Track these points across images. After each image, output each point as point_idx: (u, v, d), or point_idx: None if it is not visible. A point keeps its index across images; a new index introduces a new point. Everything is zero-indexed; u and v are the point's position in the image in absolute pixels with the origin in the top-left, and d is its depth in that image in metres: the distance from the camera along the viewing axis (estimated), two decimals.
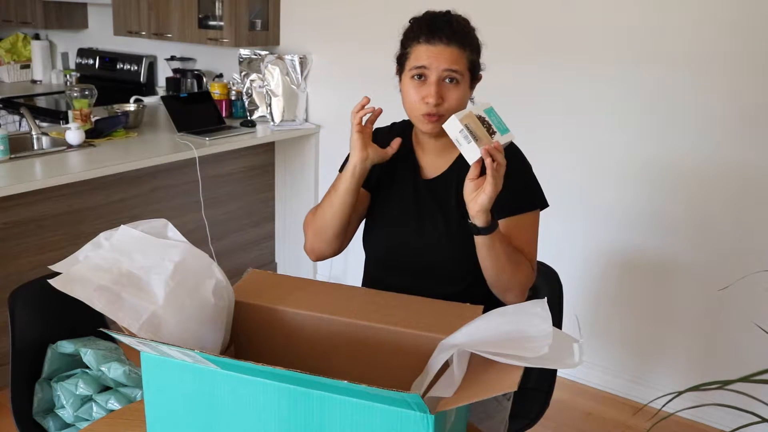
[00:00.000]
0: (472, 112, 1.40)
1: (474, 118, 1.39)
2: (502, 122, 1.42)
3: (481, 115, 1.40)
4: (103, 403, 1.95)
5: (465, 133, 1.37)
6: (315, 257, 1.68)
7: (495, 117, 1.42)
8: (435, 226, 1.60)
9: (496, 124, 1.41)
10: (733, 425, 2.08)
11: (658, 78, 2.81)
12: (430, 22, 1.53)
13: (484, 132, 1.39)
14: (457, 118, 1.38)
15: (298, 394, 1.07)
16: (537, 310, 1.10)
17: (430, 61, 1.50)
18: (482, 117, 1.40)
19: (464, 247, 1.56)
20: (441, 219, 1.60)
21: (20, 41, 5.18)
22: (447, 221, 1.59)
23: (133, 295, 1.17)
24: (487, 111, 1.42)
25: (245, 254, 3.91)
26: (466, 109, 1.41)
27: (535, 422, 2.03)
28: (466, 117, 1.38)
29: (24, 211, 2.90)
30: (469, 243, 1.55)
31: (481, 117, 1.40)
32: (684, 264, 2.90)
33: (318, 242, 1.64)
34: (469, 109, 1.41)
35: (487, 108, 1.42)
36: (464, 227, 1.55)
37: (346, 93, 3.69)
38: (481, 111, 1.41)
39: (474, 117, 1.39)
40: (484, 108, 1.42)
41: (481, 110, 1.41)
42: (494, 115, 1.42)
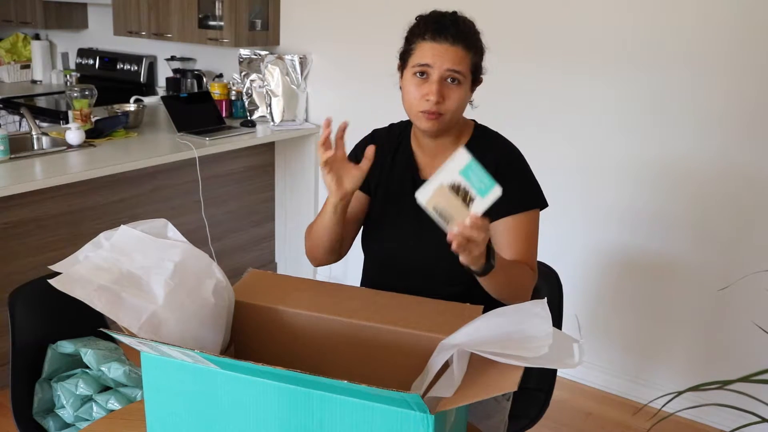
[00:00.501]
0: (443, 185, 1.24)
1: (444, 193, 1.24)
2: (483, 178, 1.24)
3: (454, 182, 1.24)
4: (103, 403, 1.95)
5: (435, 215, 1.26)
6: (315, 264, 1.70)
7: (474, 174, 1.24)
8: (433, 228, 1.60)
9: (476, 184, 1.24)
10: (733, 425, 2.08)
11: (658, 78, 2.81)
12: (437, 21, 1.53)
13: (457, 205, 1.24)
14: (424, 199, 1.25)
15: (298, 394, 1.07)
16: (537, 310, 1.10)
17: (434, 60, 1.50)
18: (456, 185, 1.24)
19: None
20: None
21: (20, 41, 5.18)
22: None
23: (133, 295, 1.17)
24: (463, 171, 1.24)
25: (245, 254, 3.91)
26: (436, 181, 1.25)
27: (535, 422, 2.03)
28: (434, 196, 1.24)
29: (24, 211, 2.90)
30: None
31: (455, 185, 1.24)
32: (684, 264, 2.90)
33: (316, 254, 1.66)
34: (440, 181, 1.24)
35: (464, 167, 1.24)
36: None
37: (346, 93, 3.70)
38: (455, 174, 1.24)
39: (444, 191, 1.24)
40: (460, 168, 1.24)
41: (457, 172, 1.24)
42: (473, 172, 1.24)
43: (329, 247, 1.62)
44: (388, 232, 1.67)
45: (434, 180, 1.25)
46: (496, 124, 1.71)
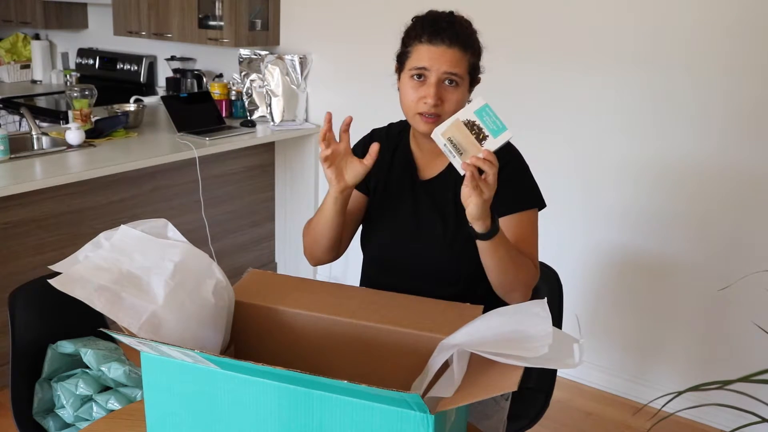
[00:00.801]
0: (459, 119, 1.33)
1: (459, 127, 1.33)
2: (497, 120, 1.34)
3: (469, 119, 1.33)
4: (103, 403, 1.95)
5: (448, 148, 1.33)
6: (314, 263, 1.69)
7: (488, 116, 1.34)
8: (432, 227, 1.60)
9: (489, 125, 1.33)
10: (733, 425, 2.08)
11: (658, 78, 2.81)
12: (433, 22, 1.51)
13: (471, 140, 1.32)
14: (439, 131, 1.33)
15: (298, 394, 1.07)
16: (537, 310, 1.10)
17: (431, 63, 1.49)
18: (471, 121, 1.33)
19: (462, 248, 1.56)
20: (438, 220, 1.60)
21: (20, 41, 5.18)
22: (444, 222, 1.59)
23: (133, 295, 1.17)
24: (478, 112, 1.33)
25: (245, 254, 3.92)
26: (452, 117, 1.35)
27: (535, 422, 2.03)
28: (450, 128, 1.33)
29: (24, 211, 2.90)
30: (467, 244, 1.55)
31: (470, 122, 1.33)
32: (684, 264, 2.90)
33: (314, 251, 1.65)
34: (456, 117, 1.34)
35: (479, 108, 1.34)
36: (462, 228, 1.55)
37: (346, 93, 3.70)
38: (471, 113, 1.33)
39: (460, 125, 1.33)
40: (476, 108, 1.34)
41: (472, 111, 1.33)
42: (488, 114, 1.34)
43: (329, 244, 1.61)
44: (386, 232, 1.67)
45: (453, 116, 1.35)
46: None
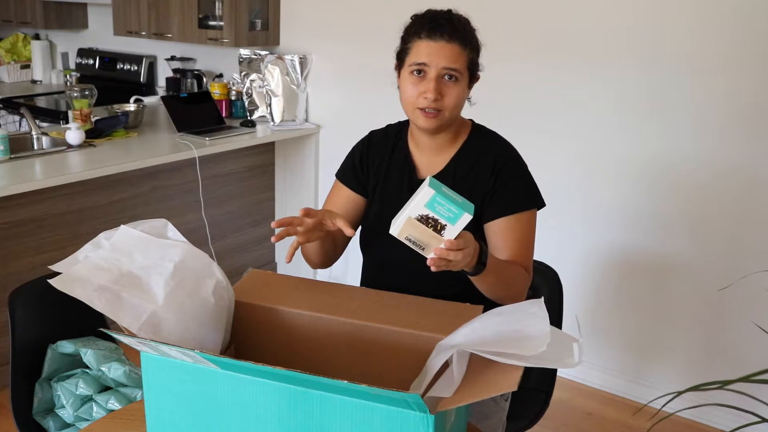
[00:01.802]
0: (411, 217, 1.26)
1: (414, 224, 1.26)
2: (451, 206, 1.25)
3: (421, 214, 1.25)
4: (103, 403, 1.95)
5: (410, 245, 1.29)
6: (313, 267, 1.71)
7: (440, 205, 1.25)
8: None
9: (444, 214, 1.25)
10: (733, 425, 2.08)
11: (658, 78, 2.81)
12: (432, 19, 1.53)
13: (429, 234, 1.26)
14: (396, 231, 1.29)
15: (298, 394, 1.07)
16: (534, 309, 1.10)
17: (431, 58, 1.50)
18: (424, 216, 1.25)
19: None
20: None
21: (20, 41, 5.18)
22: None
23: (133, 295, 1.17)
24: (429, 204, 1.25)
25: (245, 254, 3.91)
26: (404, 215, 1.27)
27: (534, 422, 2.03)
28: (405, 227, 1.27)
29: (24, 211, 2.90)
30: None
31: (423, 216, 1.25)
32: (684, 264, 2.90)
33: (310, 263, 1.70)
34: (407, 215, 1.26)
35: (429, 200, 1.25)
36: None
37: (346, 93, 3.70)
38: (421, 207, 1.25)
39: (414, 222, 1.26)
40: (425, 201, 1.25)
41: (422, 205, 1.25)
42: (439, 204, 1.25)
43: (320, 260, 1.66)
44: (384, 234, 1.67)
45: (403, 213, 1.28)
46: (495, 123, 1.71)
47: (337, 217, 1.46)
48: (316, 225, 1.45)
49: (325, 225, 1.46)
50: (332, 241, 1.64)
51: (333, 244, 1.66)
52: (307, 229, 1.44)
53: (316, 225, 1.45)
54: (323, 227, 1.47)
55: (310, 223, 1.44)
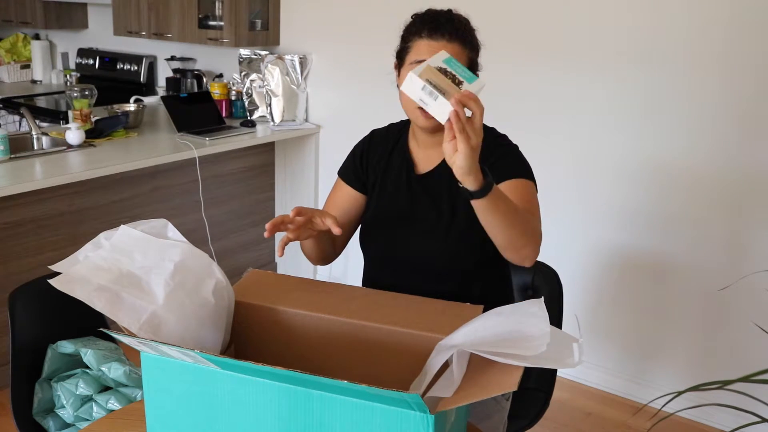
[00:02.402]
0: (430, 66, 1.24)
1: (434, 72, 1.23)
2: (466, 70, 1.27)
3: (441, 66, 1.24)
4: (103, 403, 1.95)
5: (429, 89, 1.20)
6: (313, 263, 1.72)
7: (457, 66, 1.27)
8: (427, 222, 1.61)
9: (461, 73, 1.25)
10: (733, 425, 2.08)
11: (657, 78, 2.81)
12: (432, 18, 1.54)
13: (448, 83, 1.22)
14: (416, 74, 1.21)
15: (298, 394, 1.07)
16: (534, 309, 1.10)
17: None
18: (443, 68, 1.24)
19: (458, 242, 1.57)
20: (433, 214, 1.60)
21: (20, 41, 5.18)
22: (439, 216, 1.59)
23: (133, 295, 1.17)
24: (446, 61, 1.26)
25: (245, 254, 3.92)
26: (422, 64, 1.25)
27: (535, 422, 2.03)
28: (426, 71, 1.22)
29: (24, 211, 2.90)
30: (463, 238, 1.56)
31: (442, 68, 1.24)
32: (684, 264, 2.90)
33: (311, 261, 1.70)
34: (426, 63, 1.25)
35: (445, 58, 1.27)
36: (457, 222, 1.56)
37: (346, 93, 3.70)
38: (440, 62, 1.25)
39: (434, 70, 1.23)
40: (442, 58, 1.26)
41: (440, 61, 1.25)
42: (456, 65, 1.27)
43: (317, 258, 1.67)
44: (382, 230, 1.68)
45: (422, 64, 1.24)
46: (493, 123, 1.71)
47: (327, 216, 1.47)
48: (306, 223, 1.47)
49: (316, 224, 1.48)
50: (329, 240, 1.65)
51: (330, 242, 1.67)
52: (297, 226, 1.47)
53: (306, 223, 1.47)
54: (314, 226, 1.48)
55: (300, 221, 1.46)
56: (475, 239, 1.56)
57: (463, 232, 1.56)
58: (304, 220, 1.47)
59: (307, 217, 1.47)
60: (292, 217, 1.46)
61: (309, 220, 1.47)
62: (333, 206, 1.72)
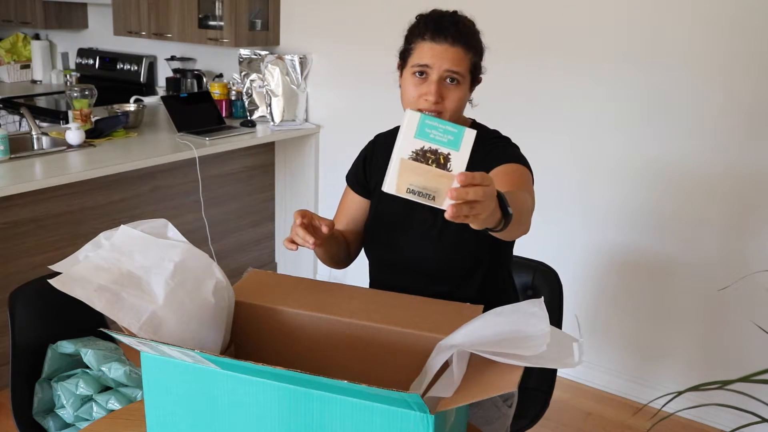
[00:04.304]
0: (403, 159, 1.04)
1: (411, 168, 1.04)
2: (446, 126, 1.05)
3: (415, 149, 1.04)
4: (103, 403, 1.95)
5: (415, 198, 1.04)
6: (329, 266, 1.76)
7: (433, 129, 1.04)
8: (424, 223, 1.61)
9: (443, 137, 1.04)
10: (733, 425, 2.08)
11: (658, 78, 2.81)
12: (436, 21, 1.52)
13: (434, 173, 1.03)
14: (392, 187, 1.04)
15: (298, 394, 1.07)
16: (534, 309, 1.10)
17: (434, 60, 1.49)
18: (420, 150, 1.04)
19: (453, 245, 1.57)
20: (430, 216, 1.60)
21: (20, 41, 5.18)
22: (434, 219, 1.59)
23: (133, 295, 1.17)
24: (419, 132, 1.03)
25: (245, 254, 3.91)
26: (393, 161, 1.05)
27: (535, 422, 2.03)
28: (402, 177, 1.03)
29: (24, 211, 2.90)
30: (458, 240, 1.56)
31: (419, 151, 1.04)
32: (684, 264, 2.90)
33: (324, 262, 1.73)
34: (398, 156, 1.04)
35: (418, 127, 1.04)
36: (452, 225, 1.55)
37: (346, 93, 3.70)
38: (411, 140, 1.04)
39: (410, 165, 1.04)
40: (414, 130, 1.04)
41: (412, 137, 1.04)
42: (431, 127, 1.04)
43: (331, 262, 1.71)
44: (381, 233, 1.68)
45: (393, 161, 1.04)
46: (495, 123, 1.71)
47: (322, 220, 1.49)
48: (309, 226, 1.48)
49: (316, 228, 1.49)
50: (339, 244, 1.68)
51: (344, 247, 1.71)
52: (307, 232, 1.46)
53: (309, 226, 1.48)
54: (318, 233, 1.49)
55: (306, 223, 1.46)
56: (470, 242, 1.56)
57: (458, 235, 1.55)
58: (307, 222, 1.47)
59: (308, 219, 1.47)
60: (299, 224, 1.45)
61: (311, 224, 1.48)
62: (343, 212, 1.76)
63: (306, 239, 1.44)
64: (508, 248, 1.67)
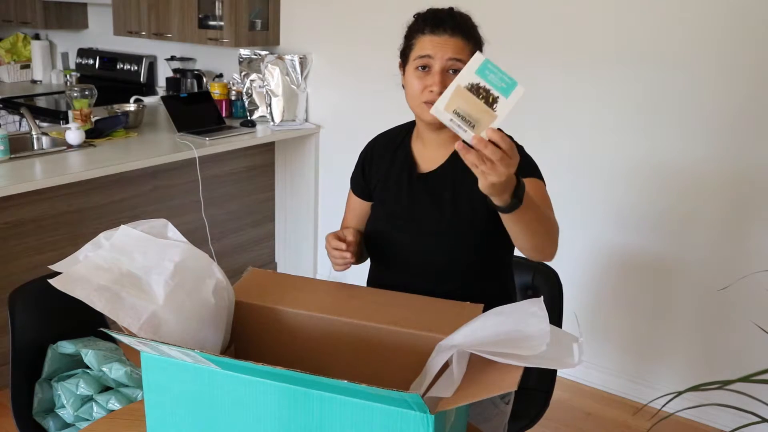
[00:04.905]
0: (460, 86, 1.17)
1: (463, 95, 1.16)
2: (503, 76, 1.17)
3: (472, 82, 1.16)
4: (103, 403, 1.95)
5: (456, 123, 1.16)
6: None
7: (493, 73, 1.17)
8: (427, 223, 1.61)
9: (496, 84, 1.17)
10: (733, 425, 2.08)
11: (655, 78, 2.81)
12: (434, 15, 1.56)
13: (480, 107, 1.16)
14: (441, 105, 1.16)
15: (298, 394, 1.07)
16: (534, 309, 1.10)
17: (435, 50, 1.51)
18: (474, 85, 1.16)
19: (457, 243, 1.57)
20: (434, 214, 1.60)
21: (20, 41, 5.18)
22: (440, 216, 1.59)
23: (133, 295, 1.17)
24: (480, 71, 1.16)
25: (245, 254, 3.92)
26: (451, 85, 1.18)
27: (535, 422, 2.03)
28: (453, 99, 1.16)
29: (24, 211, 2.90)
30: (463, 239, 1.56)
31: (473, 85, 1.16)
32: (684, 264, 2.90)
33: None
34: (456, 83, 1.17)
35: (480, 66, 1.17)
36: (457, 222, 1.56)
37: (346, 93, 3.70)
38: (472, 75, 1.16)
39: (463, 92, 1.16)
40: (476, 67, 1.17)
41: (473, 72, 1.17)
42: (491, 71, 1.17)
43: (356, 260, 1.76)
44: (383, 230, 1.68)
45: (451, 85, 1.17)
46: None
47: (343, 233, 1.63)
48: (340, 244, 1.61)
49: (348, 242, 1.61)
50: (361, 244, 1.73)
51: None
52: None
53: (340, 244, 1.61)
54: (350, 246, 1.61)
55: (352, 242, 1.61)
56: (475, 240, 1.56)
57: (463, 234, 1.56)
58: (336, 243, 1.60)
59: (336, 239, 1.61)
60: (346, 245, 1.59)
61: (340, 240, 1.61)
62: (350, 215, 1.79)
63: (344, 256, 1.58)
64: (510, 249, 1.68)
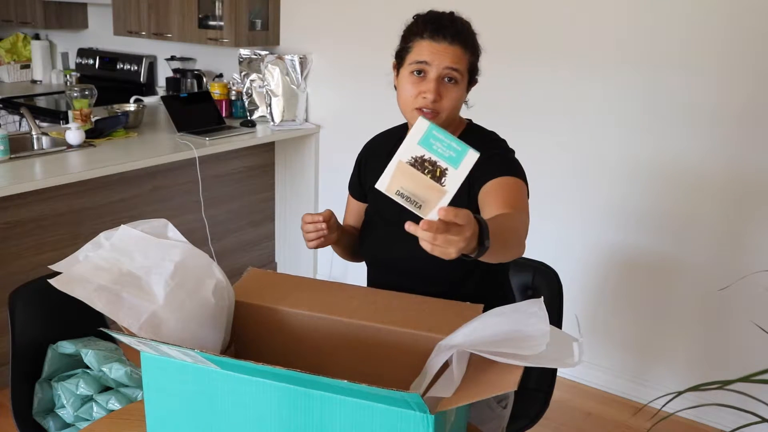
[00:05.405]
0: (402, 161, 1.04)
1: (407, 171, 1.04)
2: (451, 142, 1.04)
3: (416, 155, 1.04)
4: (103, 403, 1.95)
5: (402, 201, 1.06)
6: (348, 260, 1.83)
7: (439, 141, 1.04)
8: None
9: (443, 152, 1.04)
10: (733, 425, 2.08)
11: (657, 78, 2.81)
12: (435, 20, 1.53)
13: (427, 184, 1.04)
14: (384, 185, 1.06)
15: (298, 394, 1.07)
16: (534, 309, 1.10)
17: (433, 57, 1.49)
18: (419, 158, 1.04)
19: None
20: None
21: (20, 41, 5.18)
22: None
23: (133, 295, 1.17)
24: (423, 141, 1.03)
25: (245, 254, 3.91)
26: (392, 161, 1.06)
27: (535, 422, 2.03)
28: (396, 177, 1.04)
29: (24, 211, 2.90)
30: None
31: (418, 158, 1.04)
32: (684, 264, 2.90)
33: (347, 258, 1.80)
34: (397, 158, 1.05)
35: (423, 135, 1.04)
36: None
37: (346, 93, 3.70)
38: (414, 146, 1.04)
39: (406, 169, 1.04)
40: (419, 137, 1.04)
41: (416, 143, 1.04)
42: (437, 139, 1.04)
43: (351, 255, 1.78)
44: (373, 232, 1.68)
45: (392, 161, 1.05)
46: (493, 124, 1.71)
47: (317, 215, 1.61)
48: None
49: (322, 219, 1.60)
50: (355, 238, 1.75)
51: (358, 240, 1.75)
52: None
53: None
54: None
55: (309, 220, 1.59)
56: None
57: None
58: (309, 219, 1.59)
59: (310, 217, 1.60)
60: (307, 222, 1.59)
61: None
62: (349, 217, 1.80)
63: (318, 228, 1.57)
64: None
